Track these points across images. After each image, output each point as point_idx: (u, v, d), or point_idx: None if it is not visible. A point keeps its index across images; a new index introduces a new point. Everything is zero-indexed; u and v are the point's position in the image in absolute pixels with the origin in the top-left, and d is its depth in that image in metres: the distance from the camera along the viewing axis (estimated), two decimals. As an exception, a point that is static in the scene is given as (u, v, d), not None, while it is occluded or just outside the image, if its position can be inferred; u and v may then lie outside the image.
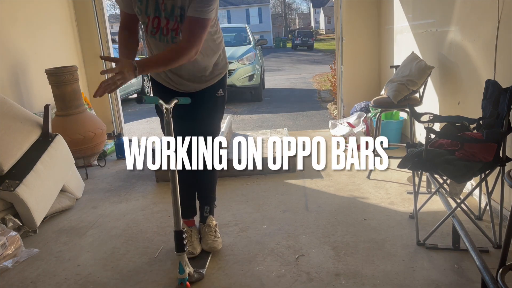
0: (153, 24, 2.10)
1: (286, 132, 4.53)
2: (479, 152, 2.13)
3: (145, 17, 2.09)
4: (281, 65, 19.03)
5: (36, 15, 4.27)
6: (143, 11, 2.07)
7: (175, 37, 2.11)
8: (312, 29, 41.84)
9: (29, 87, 4.04)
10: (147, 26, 2.11)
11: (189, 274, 2.03)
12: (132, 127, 6.81)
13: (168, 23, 2.08)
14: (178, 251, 1.99)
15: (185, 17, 2.03)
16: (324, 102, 8.35)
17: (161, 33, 2.11)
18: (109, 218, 2.97)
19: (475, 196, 2.79)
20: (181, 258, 1.98)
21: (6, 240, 2.42)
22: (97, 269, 2.31)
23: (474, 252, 1.89)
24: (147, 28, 2.12)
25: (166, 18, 2.07)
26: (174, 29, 2.09)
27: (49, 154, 3.07)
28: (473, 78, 2.79)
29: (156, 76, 2.32)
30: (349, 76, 5.00)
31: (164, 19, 2.08)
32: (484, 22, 2.59)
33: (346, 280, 2.04)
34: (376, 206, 2.87)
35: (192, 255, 2.27)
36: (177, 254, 1.99)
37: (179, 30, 2.09)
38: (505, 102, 2.08)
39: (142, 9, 2.07)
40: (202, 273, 2.16)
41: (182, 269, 1.97)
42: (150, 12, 2.07)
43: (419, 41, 3.72)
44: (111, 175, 3.95)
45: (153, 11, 2.07)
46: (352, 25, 4.83)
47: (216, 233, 2.44)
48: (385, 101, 3.27)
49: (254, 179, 3.54)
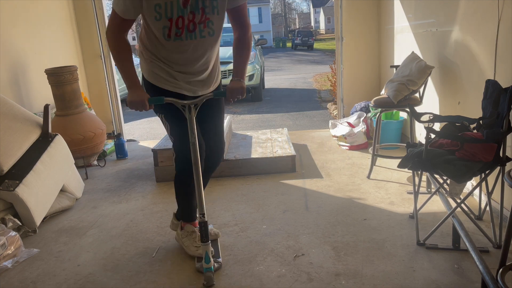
0: (178, 25, 1.99)
1: (286, 132, 4.53)
2: (479, 152, 2.13)
3: (165, 20, 1.97)
4: (281, 65, 19.03)
5: (36, 15, 4.27)
6: (163, 15, 1.96)
7: (203, 30, 2.04)
8: (312, 29, 41.82)
9: (29, 87, 4.04)
10: (169, 29, 1.99)
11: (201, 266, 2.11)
12: (132, 127, 6.81)
13: (194, 17, 2.00)
14: (203, 241, 2.06)
15: (215, 7, 2.01)
16: (324, 102, 8.35)
17: (187, 30, 2.02)
18: (109, 218, 2.97)
19: (475, 196, 2.79)
20: (206, 248, 2.05)
21: (6, 240, 2.42)
22: (97, 269, 2.31)
23: (474, 252, 1.89)
24: (170, 31, 2.00)
25: (192, 12, 1.98)
26: (202, 22, 2.02)
27: (49, 154, 3.07)
28: (473, 78, 2.79)
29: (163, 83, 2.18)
30: (349, 76, 5.00)
31: (190, 14, 1.98)
32: (484, 22, 2.59)
33: (346, 280, 2.04)
34: (376, 206, 2.87)
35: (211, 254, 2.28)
36: (202, 245, 2.06)
37: (207, 22, 2.03)
38: (505, 102, 2.08)
39: (162, 13, 1.95)
40: (220, 262, 2.24)
41: (208, 259, 2.05)
42: (172, 14, 1.96)
43: (419, 41, 3.72)
44: (111, 175, 3.95)
45: (176, 11, 1.96)
46: (352, 25, 4.83)
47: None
48: (385, 101, 3.27)
49: (254, 179, 3.54)
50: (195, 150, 2.04)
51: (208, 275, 2.05)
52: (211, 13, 2.03)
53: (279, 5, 54.50)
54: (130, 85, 2.05)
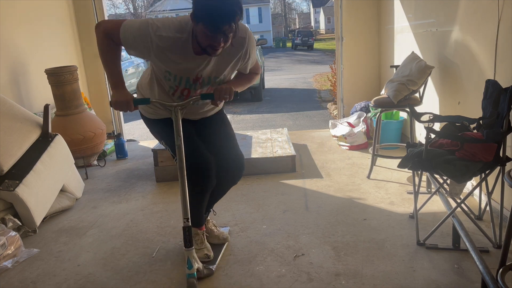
0: (183, 93, 2.10)
1: (286, 132, 4.53)
2: (479, 152, 2.13)
3: (173, 84, 2.07)
4: (281, 65, 19.02)
5: (36, 15, 4.27)
6: (171, 80, 2.06)
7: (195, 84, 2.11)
8: (312, 29, 41.78)
9: (29, 87, 4.04)
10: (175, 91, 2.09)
11: (197, 270, 2.05)
12: (132, 127, 6.81)
13: (202, 90, 2.12)
14: (187, 246, 1.99)
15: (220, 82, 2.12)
16: (324, 102, 8.35)
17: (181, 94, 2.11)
18: (109, 218, 2.97)
19: (475, 196, 2.79)
20: (189, 254, 1.98)
21: (6, 240, 2.42)
22: (97, 269, 2.31)
23: (474, 252, 1.89)
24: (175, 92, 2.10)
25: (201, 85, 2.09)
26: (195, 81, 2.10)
27: (49, 154, 3.07)
28: (473, 78, 2.79)
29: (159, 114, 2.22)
30: (349, 76, 5.00)
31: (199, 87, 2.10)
32: (484, 22, 2.59)
33: (346, 280, 2.04)
34: (376, 206, 2.87)
35: (208, 259, 2.26)
36: (185, 250, 1.99)
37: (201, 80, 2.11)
38: (505, 102, 2.08)
39: (171, 79, 2.05)
40: (212, 269, 2.19)
41: (190, 265, 1.98)
42: (180, 84, 2.07)
43: (419, 41, 3.72)
44: (111, 175, 3.95)
45: (184, 84, 2.07)
46: (352, 25, 4.83)
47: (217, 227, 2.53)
48: (385, 101, 3.27)
49: (254, 179, 3.54)
50: (180, 152, 2.01)
51: (190, 281, 1.96)
52: (218, 84, 2.12)
53: (279, 5, 54.50)
54: (115, 85, 2.01)
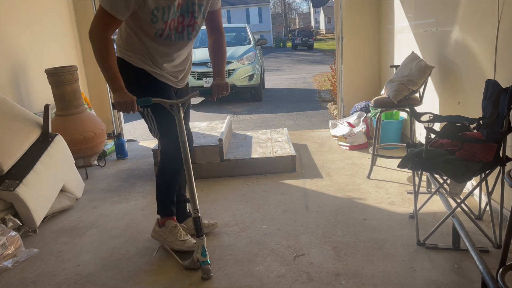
0: (170, 27, 2.11)
1: (286, 132, 4.53)
2: (479, 152, 2.13)
3: (162, 23, 2.06)
4: (281, 65, 19.03)
5: (36, 15, 4.27)
6: (159, 18, 2.04)
7: (191, 33, 2.20)
8: (312, 29, 41.80)
9: (29, 87, 4.04)
10: (163, 31, 2.09)
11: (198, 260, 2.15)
12: (132, 127, 6.81)
13: (184, 19, 2.14)
14: (199, 235, 2.13)
15: (201, 12, 2.16)
16: (324, 102, 8.35)
17: (176, 32, 2.15)
18: (109, 218, 2.97)
19: (475, 196, 2.79)
20: (202, 242, 2.13)
21: (6, 240, 2.42)
22: (97, 269, 2.31)
23: (474, 252, 1.89)
24: (163, 33, 2.10)
25: (182, 15, 2.12)
26: (190, 25, 2.17)
27: (49, 154, 3.07)
28: (473, 78, 2.79)
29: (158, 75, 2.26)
30: (349, 76, 5.00)
31: (180, 17, 2.12)
32: (484, 22, 2.59)
33: (346, 280, 2.04)
34: (376, 206, 2.87)
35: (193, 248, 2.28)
36: (197, 239, 2.14)
37: (195, 25, 2.18)
38: (505, 102, 2.08)
39: (159, 16, 2.03)
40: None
41: (205, 252, 2.13)
42: (169, 17, 2.06)
43: (419, 40, 3.72)
44: (111, 175, 3.95)
45: (172, 14, 2.07)
46: (352, 25, 4.83)
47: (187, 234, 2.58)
48: (385, 101, 3.27)
49: (254, 179, 3.54)
50: (185, 148, 2.14)
51: (206, 267, 2.11)
52: (198, 17, 2.18)
53: (279, 5, 54.51)
54: (116, 87, 2.03)
